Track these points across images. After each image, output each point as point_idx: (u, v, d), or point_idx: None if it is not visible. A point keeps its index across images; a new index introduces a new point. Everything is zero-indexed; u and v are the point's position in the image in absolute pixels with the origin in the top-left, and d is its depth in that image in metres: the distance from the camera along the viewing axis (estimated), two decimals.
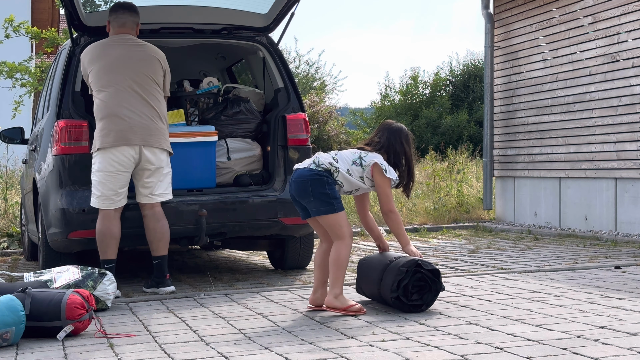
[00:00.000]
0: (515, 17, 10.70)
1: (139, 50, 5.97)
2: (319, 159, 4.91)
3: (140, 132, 5.80)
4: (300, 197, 4.92)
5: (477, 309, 4.80)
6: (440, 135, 26.24)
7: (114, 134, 5.77)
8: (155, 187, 5.88)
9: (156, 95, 5.94)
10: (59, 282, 5.26)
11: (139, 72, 5.89)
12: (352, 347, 3.94)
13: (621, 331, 4.05)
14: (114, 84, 5.83)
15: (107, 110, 5.81)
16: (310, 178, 4.85)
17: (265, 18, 6.87)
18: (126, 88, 5.84)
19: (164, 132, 5.93)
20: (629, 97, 8.86)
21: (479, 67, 29.25)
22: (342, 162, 4.91)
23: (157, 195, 5.89)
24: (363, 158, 4.93)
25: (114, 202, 5.81)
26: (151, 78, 5.92)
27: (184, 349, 4.05)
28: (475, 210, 11.52)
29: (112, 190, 5.79)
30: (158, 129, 5.88)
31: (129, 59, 5.90)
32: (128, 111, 5.80)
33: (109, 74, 5.85)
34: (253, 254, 8.37)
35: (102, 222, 5.81)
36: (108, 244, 5.80)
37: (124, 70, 5.86)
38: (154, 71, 5.95)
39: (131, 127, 5.78)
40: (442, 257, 7.59)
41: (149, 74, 5.92)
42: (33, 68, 12.54)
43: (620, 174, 8.96)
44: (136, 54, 5.94)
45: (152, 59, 5.98)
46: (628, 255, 7.34)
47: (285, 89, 6.75)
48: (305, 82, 32.75)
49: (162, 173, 5.89)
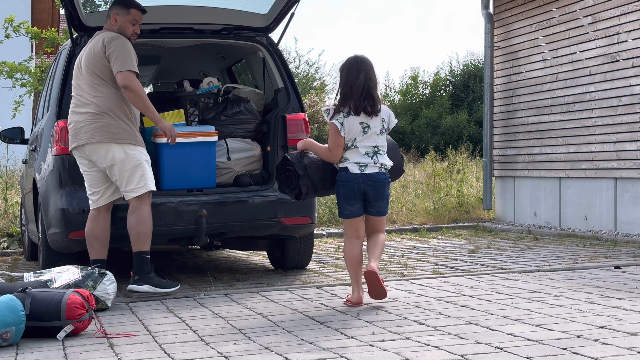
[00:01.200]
0: (515, 17, 10.70)
1: (88, 47, 5.94)
2: (386, 164, 5.12)
3: (80, 134, 5.79)
4: (376, 198, 5.10)
5: (477, 309, 4.80)
6: (440, 135, 26.23)
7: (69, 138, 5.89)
8: (122, 183, 5.77)
9: (98, 88, 5.79)
10: (59, 282, 5.26)
11: (81, 72, 5.87)
12: (352, 347, 3.94)
13: (621, 331, 4.06)
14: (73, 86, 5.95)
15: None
16: (387, 182, 5.12)
17: (265, 18, 6.87)
18: (72, 90, 5.93)
19: (108, 126, 5.75)
20: (628, 97, 8.87)
21: (479, 67, 29.23)
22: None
23: (127, 191, 5.77)
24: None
25: (93, 201, 5.85)
26: (90, 73, 5.81)
27: (184, 349, 4.05)
28: (475, 210, 11.52)
29: (89, 190, 5.87)
30: (98, 126, 5.75)
31: (83, 56, 5.92)
32: (71, 114, 5.88)
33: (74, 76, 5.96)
34: (253, 254, 8.37)
35: (87, 222, 5.87)
36: (91, 243, 5.83)
37: (79, 69, 5.91)
38: (92, 64, 5.81)
39: (73, 129, 5.83)
40: (442, 257, 7.59)
41: (89, 70, 5.82)
42: (33, 68, 12.54)
43: (620, 174, 8.96)
44: (84, 52, 5.94)
45: (91, 51, 5.84)
46: (628, 255, 7.34)
47: (285, 89, 6.75)
48: (305, 82, 32.75)
49: (124, 169, 5.75)
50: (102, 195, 5.84)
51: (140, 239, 5.74)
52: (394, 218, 11.12)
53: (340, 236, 9.93)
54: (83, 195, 6.00)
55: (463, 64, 30.17)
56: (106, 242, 5.84)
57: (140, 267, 5.74)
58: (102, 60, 5.77)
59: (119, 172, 5.75)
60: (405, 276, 6.36)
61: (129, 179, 5.74)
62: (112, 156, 5.74)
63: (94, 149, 5.76)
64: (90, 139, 5.75)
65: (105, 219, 5.83)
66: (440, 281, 5.97)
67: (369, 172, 5.06)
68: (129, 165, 5.74)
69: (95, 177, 5.83)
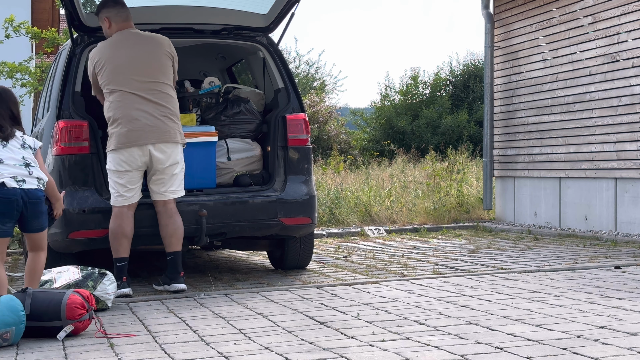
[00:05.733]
0: (515, 17, 10.70)
1: (147, 46, 5.97)
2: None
3: (149, 133, 5.83)
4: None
5: (477, 309, 4.80)
6: (440, 135, 26.23)
7: (124, 135, 5.81)
8: (167, 184, 5.92)
9: (167, 91, 5.96)
10: (59, 282, 5.27)
11: (148, 73, 5.91)
12: (352, 347, 3.94)
13: (621, 331, 4.06)
14: (124, 85, 5.85)
15: (118, 112, 5.84)
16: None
17: (265, 18, 6.87)
18: (136, 90, 5.85)
19: (177, 129, 5.96)
20: (629, 97, 8.87)
21: (479, 67, 29.23)
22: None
23: (169, 192, 5.94)
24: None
25: (126, 198, 5.85)
26: (161, 74, 5.94)
27: (184, 349, 4.05)
28: (475, 210, 11.52)
29: (123, 187, 5.84)
30: (169, 128, 5.91)
31: (138, 60, 5.90)
32: (138, 113, 5.83)
33: (120, 75, 5.86)
34: (253, 254, 8.37)
35: (114, 220, 5.85)
36: (120, 242, 5.83)
37: (134, 71, 5.87)
38: (160, 67, 5.95)
39: (141, 128, 5.81)
40: (442, 257, 7.59)
41: (158, 72, 5.93)
42: (33, 68, 12.53)
43: (620, 174, 8.96)
44: (144, 52, 5.94)
45: (159, 53, 5.98)
46: (628, 255, 7.34)
47: (285, 89, 6.75)
48: (305, 82, 32.76)
49: (173, 171, 5.93)
50: (135, 193, 5.89)
51: (180, 239, 5.97)
52: (394, 218, 11.13)
53: (341, 236, 9.94)
54: (83, 195, 6.00)
55: (463, 64, 30.19)
56: (131, 240, 5.91)
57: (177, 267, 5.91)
58: (168, 62, 6.00)
59: (171, 172, 5.91)
60: (405, 276, 6.36)
61: (177, 180, 5.95)
62: (176, 156, 5.92)
63: (164, 148, 5.87)
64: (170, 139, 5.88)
65: (132, 217, 5.90)
66: (440, 281, 5.98)
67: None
68: (181, 166, 5.97)
69: (135, 176, 5.87)
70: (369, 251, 8.30)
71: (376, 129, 28.18)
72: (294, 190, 6.46)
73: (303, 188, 6.51)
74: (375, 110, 29.27)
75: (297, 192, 6.47)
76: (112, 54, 5.90)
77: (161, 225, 5.94)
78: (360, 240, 9.48)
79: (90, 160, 6.10)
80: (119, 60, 5.88)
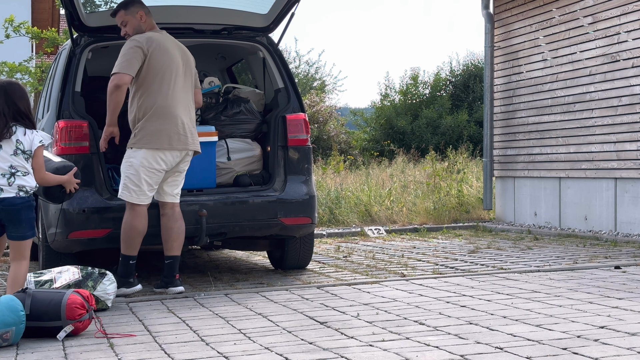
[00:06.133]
0: (515, 17, 10.70)
1: (188, 56, 6.04)
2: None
3: (188, 137, 5.87)
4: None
5: (477, 309, 4.80)
6: (440, 135, 26.23)
7: (165, 135, 5.78)
8: (179, 186, 5.98)
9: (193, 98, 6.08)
10: (59, 282, 5.27)
11: (189, 81, 5.98)
12: (352, 347, 3.94)
13: (621, 331, 4.06)
14: (168, 83, 5.83)
15: (159, 110, 5.80)
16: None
17: (265, 18, 6.87)
18: (180, 94, 5.88)
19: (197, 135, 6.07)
20: (629, 97, 8.87)
21: (479, 67, 29.23)
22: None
23: (178, 195, 5.98)
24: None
25: (148, 197, 5.85)
26: (193, 80, 6.05)
27: (184, 349, 4.05)
28: (475, 210, 11.52)
29: (149, 186, 5.81)
30: (195, 132, 6.00)
31: (180, 60, 5.94)
32: (182, 118, 5.85)
33: (166, 72, 5.83)
34: (253, 254, 8.37)
35: (133, 218, 5.80)
36: (137, 240, 5.82)
37: (178, 71, 5.89)
38: (193, 78, 6.08)
39: (184, 134, 5.84)
40: (442, 257, 7.59)
41: (191, 82, 6.03)
42: (33, 68, 12.55)
43: (620, 174, 8.96)
44: (182, 54, 5.98)
45: (191, 60, 6.08)
46: (628, 255, 7.34)
47: (285, 89, 6.75)
48: (305, 82, 32.75)
49: (184, 175, 6.01)
50: (156, 192, 5.91)
51: (181, 244, 5.97)
52: (394, 218, 11.13)
53: (341, 236, 9.94)
54: (83, 195, 6.00)
55: (463, 64, 30.18)
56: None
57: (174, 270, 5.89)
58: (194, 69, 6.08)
59: (183, 176, 5.99)
60: (405, 276, 6.36)
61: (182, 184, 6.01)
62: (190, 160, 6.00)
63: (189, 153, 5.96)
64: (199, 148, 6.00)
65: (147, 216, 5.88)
66: (440, 281, 5.98)
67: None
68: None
69: (160, 177, 5.86)
70: (369, 251, 8.30)
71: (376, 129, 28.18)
72: (294, 190, 6.46)
73: (303, 188, 6.51)
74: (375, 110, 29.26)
75: (297, 192, 6.47)
76: (163, 51, 5.85)
77: (166, 228, 5.91)
78: (360, 240, 9.48)
79: (90, 160, 6.10)
80: (166, 57, 5.85)
